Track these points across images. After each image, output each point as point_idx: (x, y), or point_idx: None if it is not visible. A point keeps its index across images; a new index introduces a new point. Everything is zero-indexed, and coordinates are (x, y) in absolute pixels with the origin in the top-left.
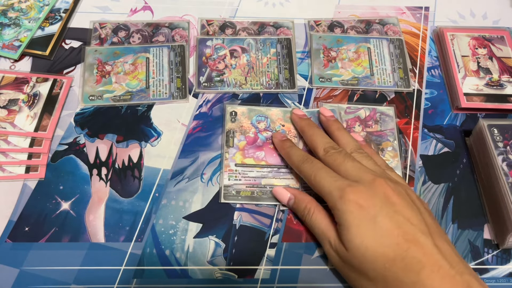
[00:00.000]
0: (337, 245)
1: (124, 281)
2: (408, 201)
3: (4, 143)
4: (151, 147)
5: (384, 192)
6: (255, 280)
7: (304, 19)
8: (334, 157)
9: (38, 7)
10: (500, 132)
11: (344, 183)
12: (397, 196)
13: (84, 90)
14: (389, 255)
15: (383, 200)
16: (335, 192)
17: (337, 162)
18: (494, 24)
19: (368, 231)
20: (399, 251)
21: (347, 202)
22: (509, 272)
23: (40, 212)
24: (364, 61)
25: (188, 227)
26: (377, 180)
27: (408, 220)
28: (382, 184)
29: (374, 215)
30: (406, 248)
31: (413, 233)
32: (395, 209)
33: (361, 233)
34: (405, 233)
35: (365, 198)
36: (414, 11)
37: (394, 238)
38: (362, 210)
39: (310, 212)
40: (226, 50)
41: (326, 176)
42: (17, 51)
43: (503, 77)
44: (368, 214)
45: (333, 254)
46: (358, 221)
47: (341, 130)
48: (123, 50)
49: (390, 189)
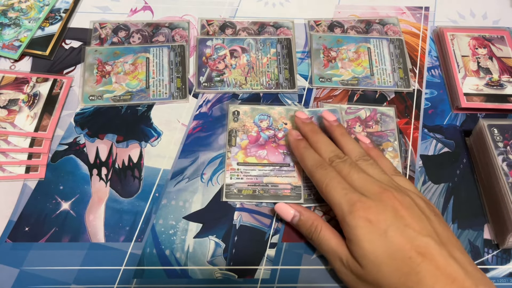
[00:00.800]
0: (349, 262)
1: (124, 281)
2: (417, 212)
3: (4, 143)
4: (151, 147)
5: (393, 205)
6: (255, 280)
7: (304, 19)
8: (340, 168)
9: (38, 7)
10: (500, 132)
11: (354, 197)
12: (406, 209)
13: (84, 90)
14: (403, 269)
15: (392, 214)
16: (345, 205)
17: (343, 173)
18: (494, 24)
19: (381, 246)
20: (412, 265)
21: (357, 218)
22: (509, 272)
23: (40, 212)
24: (364, 61)
25: (188, 227)
26: (384, 194)
27: (419, 233)
28: (390, 198)
29: (384, 230)
30: (420, 262)
31: (425, 246)
32: (405, 222)
33: (374, 249)
34: (417, 246)
35: (375, 213)
36: (414, 11)
37: (407, 252)
38: (372, 226)
39: (317, 230)
40: (226, 50)
41: (338, 187)
42: (17, 51)
43: (503, 77)
44: (379, 229)
45: (345, 272)
46: (370, 236)
47: (345, 135)
48: (123, 50)
49: (398, 202)
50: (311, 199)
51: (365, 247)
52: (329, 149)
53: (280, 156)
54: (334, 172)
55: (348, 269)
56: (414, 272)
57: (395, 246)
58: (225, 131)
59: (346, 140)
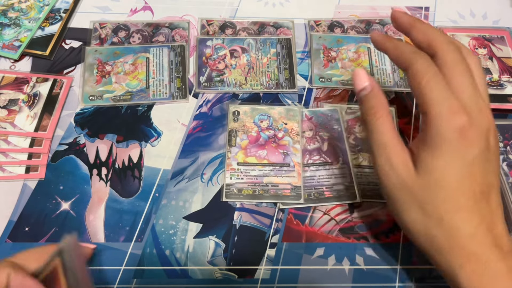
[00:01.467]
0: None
1: (124, 281)
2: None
3: (4, 143)
4: (151, 147)
5: (487, 135)
6: (255, 280)
7: (304, 19)
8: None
9: (38, 7)
10: (500, 132)
11: (456, 104)
12: (494, 142)
13: (84, 90)
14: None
15: (485, 143)
16: (444, 108)
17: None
18: (494, 24)
19: (458, 161)
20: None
21: (453, 126)
22: None
23: (40, 212)
24: (364, 61)
25: (188, 227)
26: (486, 117)
27: (494, 173)
28: (490, 124)
29: (472, 152)
30: (479, 199)
31: (488, 189)
32: (489, 157)
33: (450, 159)
34: (486, 185)
35: (472, 132)
36: (414, 11)
37: (473, 184)
38: (464, 141)
39: (377, 115)
40: (226, 50)
41: (440, 87)
42: (17, 51)
43: (503, 77)
44: (468, 148)
45: (391, 174)
46: (454, 148)
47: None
48: (123, 50)
49: (493, 134)
50: (311, 199)
51: (443, 153)
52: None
53: (280, 156)
54: (436, 68)
55: (395, 173)
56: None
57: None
58: (225, 131)
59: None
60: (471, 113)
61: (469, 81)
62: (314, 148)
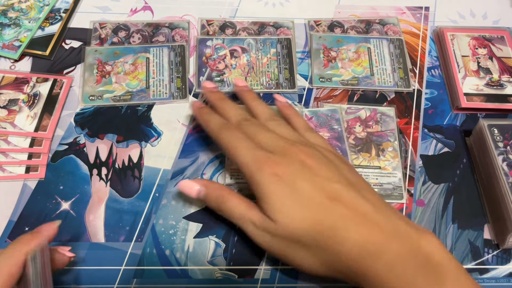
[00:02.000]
0: (262, 221)
1: (124, 281)
2: (325, 162)
3: (4, 143)
4: (151, 147)
5: (299, 159)
6: (255, 280)
7: (304, 19)
8: (247, 129)
9: (38, 7)
10: (500, 132)
11: (260, 154)
12: (313, 160)
13: (84, 90)
14: (316, 216)
15: (299, 166)
16: (251, 163)
17: (250, 134)
18: (494, 24)
19: (291, 197)
20: (324, 211)
21: (264, 174)
22: (509, 272)
23: (40, 212)
24: (364, 61)
25: (188, 227)
26: (291, 149)
27: (329, 180)
28: (296, 152)
29: (293, 181)
30: (331, 206)
31: (334, 191)
32: (313, 172)
33: (285, 201)
34: (327, 192)
35: (282, 167)
36: (414, 11)
37: (317, 199)
38: (280, 179)
39: (224, 199)
40: (226, 50)
41: (244, 146)
42: (17, 51)
43: (503, 77)
44: (287, 181)
45: (259, 233)
46: (279, 190)
47: (256, 100)
48: (123, 50)
49: (305, 155)
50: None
51: (275, 201)
52: (236, 112)
53: None
54: (240, 133)
55: (261, 230)
56: (326, 217)
57: (305, 195)
58: None
59: (256, 104)
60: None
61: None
62: None
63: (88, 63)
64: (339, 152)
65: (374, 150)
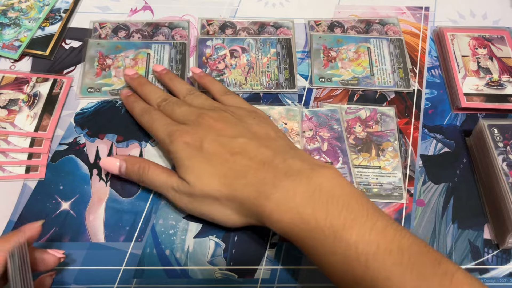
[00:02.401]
0: (180, 185)
1: (124, 281)
2: (233, 121)
3: (4, 143)
4: (151, 147)
5: (208, 124)
6: (255, 280)
7: (304, 19)
8: (166, 109)
9: (38, 7)
10: (500, 132)
11: (173, 128)
12: (221, 122)
13: (83, 82)
14: (222, 172)
15: (206, 130)
16: (166, 138)
17: (168, 113)
18: (494, 24)
19: (199, 159)
20: (228, 165)
21: (176, 143)
22: (509, 272)
23: (40, 212)
24: (364, 61)
25: (188, 227)
26: (200, 117)
27: (233, 137)
28: (205, 118)
29: (200, 145)
30: (233, 160)
31: (238, 146)
32: (219, 133)
33: (194, 163)
34: (231, 148)
35: (190, 135)
36: (414, 11)
37: (222, 156)
38: (190, 145)
39: (145, 170)
40: (226, 50)
41: (160, 124)
42: (17, 51)
43: (503, 77)
44: (195, 145)
45: (179, 196)
46: (189, 154)
47: (173, 79)
48: (125, 45)
49: (213, 120)
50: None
51: (187, 164)
52: (156, 95)
53: None
54: (159, 114)
55: (180, 193)
56: (229, 170)
57: (211, 154)
58: None
59: (175, 83)
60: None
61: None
62: (314, 148)
63: (89, 56)
64: (254, 107)
65: (374, 150)
